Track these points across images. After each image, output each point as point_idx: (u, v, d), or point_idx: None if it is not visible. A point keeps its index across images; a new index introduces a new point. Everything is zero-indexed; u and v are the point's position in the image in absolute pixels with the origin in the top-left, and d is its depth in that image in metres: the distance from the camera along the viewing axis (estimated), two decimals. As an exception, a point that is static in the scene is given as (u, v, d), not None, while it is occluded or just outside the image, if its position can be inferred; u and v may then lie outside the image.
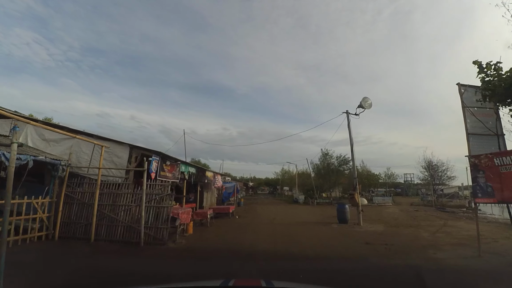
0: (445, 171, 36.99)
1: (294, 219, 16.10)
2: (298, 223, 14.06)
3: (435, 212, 23.35)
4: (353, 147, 13.42)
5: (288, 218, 16.38)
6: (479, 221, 17.43)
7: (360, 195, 14.06)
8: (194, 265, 6.17)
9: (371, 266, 6.38)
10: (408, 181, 75.48)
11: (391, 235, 10.31)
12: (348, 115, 13.99)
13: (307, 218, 16.79)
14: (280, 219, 15.94)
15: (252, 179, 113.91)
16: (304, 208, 25.46)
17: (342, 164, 33.75)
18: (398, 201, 37.78)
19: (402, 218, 16.57)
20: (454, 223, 14.30)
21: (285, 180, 60.37)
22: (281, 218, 16.55)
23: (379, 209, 23.71)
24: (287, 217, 17.32)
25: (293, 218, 16.42)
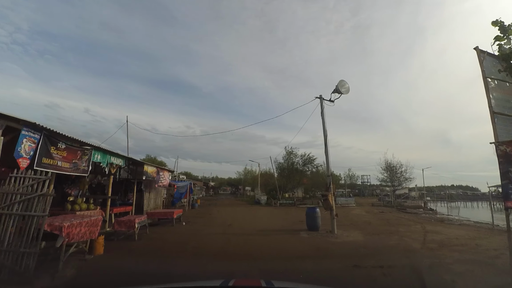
0: (403, 172, 37.17)
1: (255, 225, 13.20)
2: (260, 231, 11.18)
3: (400, 214, 22.14)
4: (327, 138, 10.95)
5: (247, 224, 13.44)
6: (455, 224, 16.20)
7: (334, 195, 11.65)
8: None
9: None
10: (365, 183, 77.77)
11: (378, 249, 7.86)
12: (321, 101, 11.51)
13: (270, 223, 14.01)
14: (238, 225, 12.93)
15: (214, 178, 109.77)
16: (266, 210, 22.77)
17: (307, 163, 31.77)
18: (358, 202, 37.00)
19: (375, 222, 14.55)
20: (433, 227, 12.51)
21: (248, 180, 57.60)
22: (239, 224, 13.56)
23: (346, 211, 21.85)
24: (247, 222, 14.38)
25: (254, 224, 13.52)
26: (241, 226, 12.65)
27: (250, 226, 12.61)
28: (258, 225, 12.95)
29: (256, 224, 13.58)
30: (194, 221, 14.33)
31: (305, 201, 32.18)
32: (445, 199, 50.65)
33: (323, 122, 11.27)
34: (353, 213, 20.50)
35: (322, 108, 11.45)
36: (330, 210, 10.28)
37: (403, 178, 37.58)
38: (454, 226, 13.61)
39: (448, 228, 12.44)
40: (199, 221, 14.22)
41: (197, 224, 13.21)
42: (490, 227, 14.63)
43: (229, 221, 14.51)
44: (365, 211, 22.67)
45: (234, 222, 13.93)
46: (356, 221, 14.65)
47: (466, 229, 12.37)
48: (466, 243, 8.58)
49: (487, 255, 7.23)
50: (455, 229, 12.08)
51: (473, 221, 20.36)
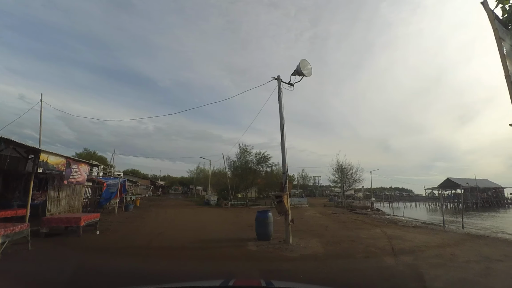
0: (353, 174, 37.60)
1: (194, 233, 10.58)
2: (196, 242, 8.63)
3: (352, 215, 21.32)
4: (284, 128, 8.85)
5: (184, 232, 10.76)
6: (409, 227, 15.40)
7: (290, 196, 9.64)
8: None
9: None
10: (316, 183, 79.50)
11: (346, 269, 5.93)
12: (279, 83, 9.43)
13: (214, 229, 11.52)
14: (171, 234, 10.19)
15: (165, 177, 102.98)
16: (214, 213, 20.16)
17: (261, 162, 29.83)
18: (310, 202, 36.40)
19: (331, 225, 12.97)
20: (393, 231, 11.24)
21: (200, 179, 54.02)
22: (174, 231, 10.83)
23: (300, 212, 20.32)
24: (184, 229, 11.68)
25: (192, 232, 10.89)
26: (174, 236, 9.94)
27: (186, 235, 9.96)
28: (198, 233, 10.36)
29: (195, 231, 10.96)
30: (116, 228, 11.17)
31: (258, 202, 30.29)
32: (386, 200, 53.45)
33: (280, 108, 9.16)
34: (307, 214, 19.01)
35: (280, 92, 9.35)
36: (285, 214, 8.18)
37: (353, 180, 38.04)
38: (412, 230, 12.62)
39: (408, 232, 11.29)
40: (123, 229, 11.10)
41: (117, 233, 10.12)
42: (442, 229, 14.13)
43: (162, 227, 11.64)
44: (318, 212, 21.45)
45: (168, 230, 11.12)
46: (312, 225, 12.90)
47: (425, 233, 11.35)
48: (441, 254, 7.13)
49: (473, 270, 5.73)
50: (416, 233, 10.94)
51: (421, 222, 20.36)
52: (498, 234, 13.17)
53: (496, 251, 7.70)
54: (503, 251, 7.81)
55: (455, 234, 11.75)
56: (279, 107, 9.20)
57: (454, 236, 10.72)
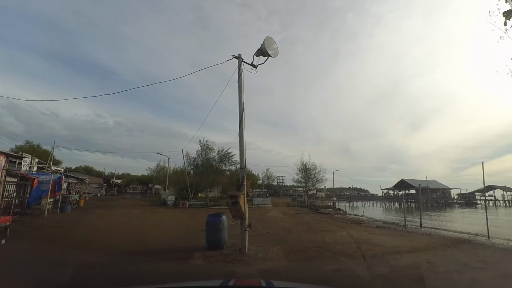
0: (317, 174, 37.57)
1: (132, 240, 8.61)
2: (132, 254, 6.76)
3: (316, 215, 20.63)
4: (243, 114, 7.37)
5: (119, 240, 8.71)
6: (373, 227, 14.79)
7: (249, 196, 8.22)
8: None
9: None
10: (280, 183, 79.64)
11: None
12: (240, 63, 7.95)
13: (159, 235, 9.64)
14: (105, 241, 8.18)
15: (123, 175, 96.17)
16: (168, 214, 18.06)
17: (224, 160, 28.06)
18: (274, 202, 35.58)
19: (295, 228, 11.80)
20: (359, 234, 10.35)
21: (160, 177, 50.53)
22: (107, 238, 8.77)
23: (262, 213, 19.08)
24: (123, 235, 9.61)
25: (131, 239, 8.89)
26: (109, 243, 7.96)
27: (120, 244, 7.98)
28: (135, 241, 8.43)
29: (134, 238, 8.99)
30: (36, 234, 8.84)
31: (220, 202, 28.55)
32: (346, 200, 54.89)
33: (240, 92, 7.65)
34: (270, 215, 17.79)
35: (240, 73, 7.85)
36: (241, 218, 6.69)
37: (316, 179, 38.01)
38: (377, 231, 11.95)
39: (374, 234, 10.50)
40: (43, 235, 8.79)
41: (31, 240, 7.86)
42: (404, 229, 13.77)
43: (95, 233, 9.50)
44: (282, 212, 20.39)
45: (101, 236, 9.04)
46: (274, 228, 11.61)
47: (392, 235, 10.65)
48: (417, 262, 6.16)
49: (459, 283, 4.79)
50: (383, 236, 10.16)
51: (381, 222, 20.28)
52: (458, 234, 13.07)
53: (470, 256, 7.00)
54: (477, 256, 7.14)
55: (419, 235, 11.25)
56: (238, 90, 7.69)
57: (421, 238, 10.12)
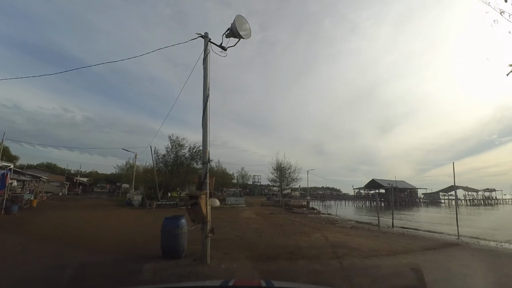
0: (291, 173, 37.18)
1: (69, 249, 7.19)
2: (58, 267, 5.45)
3: (290, 215, 19.97)
4: (208, 100, 6.28)
5: (61, 247, 7.27)
6: (347, 228, 14.23)
7: (213, 195, 7.22)
8: None
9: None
10: (256, 182, 78.99)
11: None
12: (206, 44, 6.86)
13: (110, 242, 8.26)
14: (35, 252, 6.72)
15: (91, 173, 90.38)
16: (131, 216, 16.43)
17: (196, 157, 26.54)
18: (249, 202, 34.71)
19: (267, 230, 10.88)
20: (334, 236, 9.67)
21: (129, 175, 47.60)
22: (44, 247, 7.31)
23: (235, 213, 18.06)
24: (64, 241, 8.10)
25: (75, 247, 7.46)
26: (39, 252, 6.52)
27: (57, 253, 6.56)
28: (80, 249, 7.01)
29: (80, 245, 7.54)
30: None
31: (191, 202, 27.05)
32: (320, 199, 55.46)
33: (205, 75, 6.54)
34: (242, 216, 16.79)
35: (207, 54, 6.75)
36: (202, 222, 5.62)
37: (291, 179, 37.63)
38: (352, 232, 11.40)
39: (350, 236, 9.88)
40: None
41: None
42: (378, 229, 13.45)
43: (33, 240, 7.93)
44: (255, 213, 19.48)
45: (36, 244, 7.51)
46: (245, 230, 10.62)
47: (367, 236, 10.09)
48: (400, 271, 5.48)
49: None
50: (359, 238, 9.55)
51: (355, 221, 20.06)
52: (430, 234, 12.94)
53: (452, 260, 6.49)
54: (458, 259, 6.66)
55: (394, 236, 10.83)
56: (203, 74, 6.59)
57: (397, 240, 9.64)
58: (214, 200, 25.23)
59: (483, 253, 7.78)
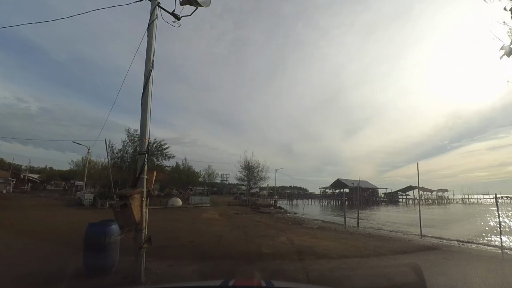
0: (259, 172, 36.44)
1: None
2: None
3: (256, 215, 19.03)
4: (151, 75, 4.97)
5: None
6: (314, 229, 13.40)
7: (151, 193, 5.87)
8: None
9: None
10: (224, 181, 77.38)
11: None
12: (154, 8, 5.53)
13: (31, 250, 6.58)
14: None
15: (45, 169, 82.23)
16: (75, 217, 14.30)
17: (157, 153, 24.46)
18: (215, 201, 33.32)
19: (227, 234, 9.71)
20: (301, 239, 8.80)
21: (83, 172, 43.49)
22: None
23: (196, 214, 16.65)
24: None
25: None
26: None
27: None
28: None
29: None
30: None
31: (153, 201, 24.99)
32: (287, 198, 55.59)
33: (149, 43, 5.21)
34: (204, 217, 15.45)
35: (153, 19, 5.41)
36: (136, 229, 4.32)
37: (259, 178, 36.90)
38: (319, 233, 10.68)
39: (317, 239, 9.07)
40: None
41: None
42: (344, 230, 13.01)
43: None
44: (219, 213, 18.22)
45: None
46: (203, 234, 9.37)
47: (335, 238, 9.37)
48: (377, 284, 4.67)
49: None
50: (326, 241, 8.77)
51: (321, 221, 19.67)
52: (396, 234, 12.72)
53: (428, 266, 5.85)
54: (434, 264, 6.06)
55: (362, 237, 10.31)
56: (147, 42, 5.25)
57: (365, 242, 9.04)
58: (176, 200, 23.59)
59: (456, 256, 7.36)
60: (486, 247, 9.72)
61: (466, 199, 61.53)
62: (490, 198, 62.37)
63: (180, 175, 39.04)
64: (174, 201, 23.61)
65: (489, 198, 62.05)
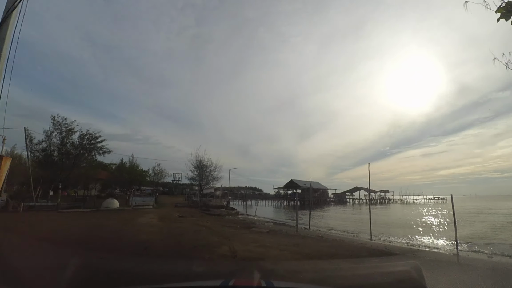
0: (212, 171, 34.42)
1: None
2: None
3: (203, 218, 17.13)
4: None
5: None
6: (264, 233, 11.67)
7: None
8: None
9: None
10: (176, 181, 73.04)
11: None
12: None
13: None
14: None
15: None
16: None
17: (89, 146, 20.80)
18: (163, 202, 30.39)
19: (159, 244, 7.73)
20: (246, 248, 7.30)
21: (4, 169, 36.41)
22: None
23: (131, 218, 14.15)
24: None
25: None
26: None
27: None
28: None
29: None
30: None
31: (88, 202, 21.32)
32: (242, 198, 54.32)
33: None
34: (139, 221, 13.08)
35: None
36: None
37: (211, 177, 34.85)
38: (268, 240, 9.30)
39: (265, 248, 7.64)
40: None
41: None
42: (296, 233, 11.96)
43: None
44: (160, 216, 15.89)
45: None
46: (122, 247, 7.26)
47: (285, 245, 8.06)
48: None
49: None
50: (276, 249, 7.38)
51: (273, 222, 18.58)
52: (348, 237, 12.04)
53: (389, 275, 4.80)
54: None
55: (314, 242, 9.29)
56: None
57: (318, 247, 7.95)
58: (112, 201, 20.14)
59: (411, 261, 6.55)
60: (439, 250, 9.41)
61: (404, 199, 67.51)
62: (424, 198, 70.07)
63: (122, 174, 35.05)
64: (109, 203, 20.43)
65: (423, 198, 69.82)
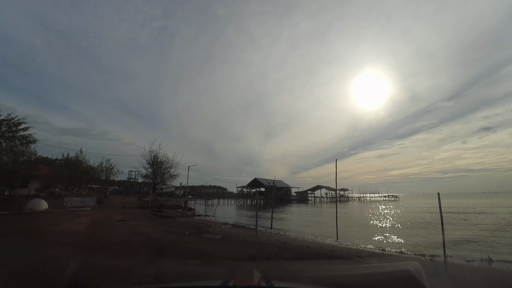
0: (168, 168, 31.16)
1: None
2: None
3: (148, 221, 14.47)
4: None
5: None
6: (217, 240, 9.85)
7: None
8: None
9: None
10: (132, 179, 67.54)
11: None
12: None
13: None
14: None
15: None
16: None
17: (9, 134, 16.52)
18: (112, 202, 26.66)
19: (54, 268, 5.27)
20: (182, 267, 5.17)
21: None
22: None
23: (42, 222, 11.06)
24: None
25: None
26: None
27: None
28: None
29: None
30: None
31: (14, 204, 17.07)
32: (204, 197, 51.50)
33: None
34: (56, 229, 10.08)
35: None
36: None
37: (168, 175, 31.54)
38: (219, 251, 7.23)
39: (208, 267, 5.59)
40: None
41: None
42: (254, 236, 10.11)
43: None
44: (93, 220, 12.90)
45: None
46: None
47: (240, 258, 6.10)
48: None
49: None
50: (221, 270, 5.37)
51: (231, 225, 16.50)
52: (314, 241, 10.47)
53: None
54: None
55: (275, 249, 7.43)
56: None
57: (280, 259, 6.07)
58: (39, 202, 15.99)
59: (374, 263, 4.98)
60: (412, 254, 8.19)
61: (362, 197, 70.34)
62: (379, 196, 73.99)
63: (67, 170, 30.33)
64: (34, 204, 16.71)
65: (379, 196, 73.78)
